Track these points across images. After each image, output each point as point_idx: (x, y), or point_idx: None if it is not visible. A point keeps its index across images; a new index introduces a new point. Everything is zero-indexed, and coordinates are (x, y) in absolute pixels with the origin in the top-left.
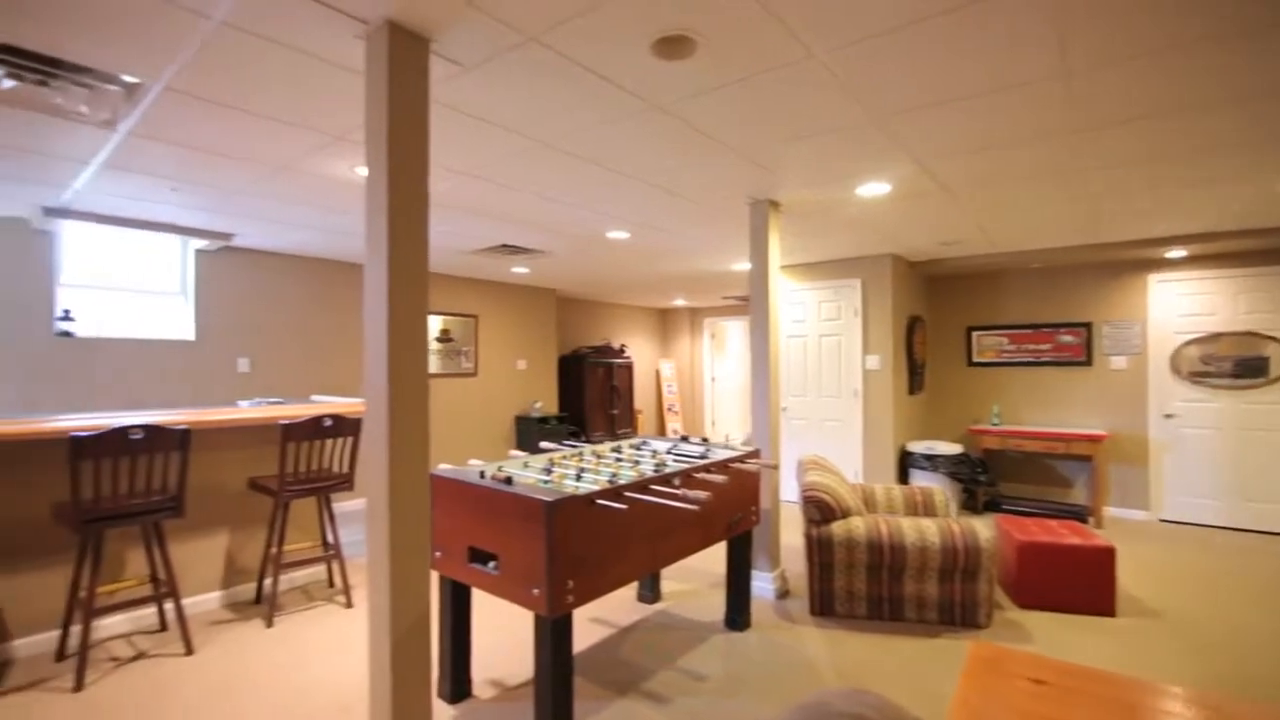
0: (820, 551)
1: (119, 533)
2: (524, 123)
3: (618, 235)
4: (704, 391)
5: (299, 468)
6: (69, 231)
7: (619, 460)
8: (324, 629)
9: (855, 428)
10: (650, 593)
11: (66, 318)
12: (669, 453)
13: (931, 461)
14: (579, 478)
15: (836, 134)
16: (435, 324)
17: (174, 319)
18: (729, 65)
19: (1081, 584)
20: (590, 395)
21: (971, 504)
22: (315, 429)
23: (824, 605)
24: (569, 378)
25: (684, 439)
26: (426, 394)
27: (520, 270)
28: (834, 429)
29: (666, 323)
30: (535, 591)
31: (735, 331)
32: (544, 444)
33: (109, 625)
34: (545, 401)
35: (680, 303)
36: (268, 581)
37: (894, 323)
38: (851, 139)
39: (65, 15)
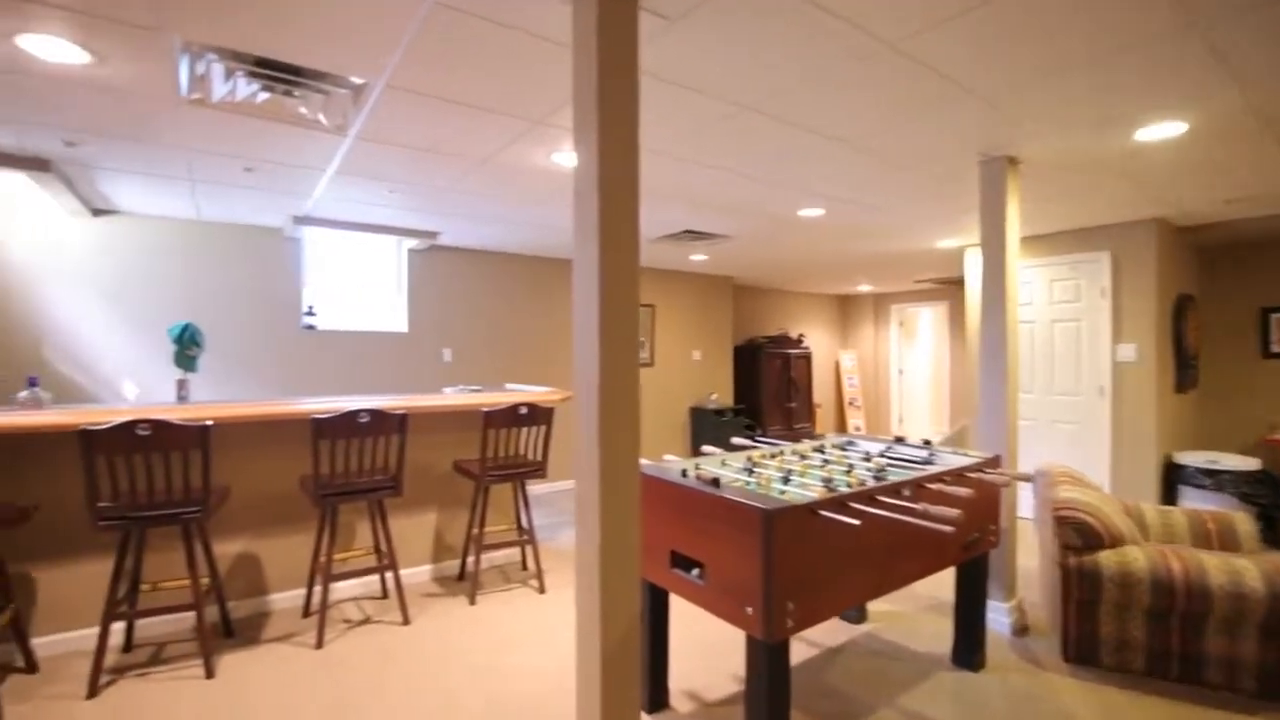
0: (1081, 586)
1: (349, 506)
2: (726, 83)
3: (811, 213)
4: (889, 385)
5: (497, 453)
6: (311, 237)
7: (826, 462)
8: (520, 613)
9: (1100, 432)
10: (856, 611)
11: (310, 313)
12: (883, 455)
13: (1214, 479)
14: (786, 481)
15: (1129, 53)
16: None
17: (391, 313)
18: None
19: None
20: (766, 387)
21: (1271, 535)
22: (512, 416)
23: (1082, 652)
24: (744, 369)
25: (899, 440)
26: (637, 388)
27: (698, 258)
28: (1071, 433)
29: (847, 310)
30: (749, 610)
31: (927, 319)
32: (737, 440)
33: (342, 589)
34: (720, 393)
35: (865, 288)
36: (470, 560)
37: (1157, 304)
38: (1149, 59)
39: (304, 22)
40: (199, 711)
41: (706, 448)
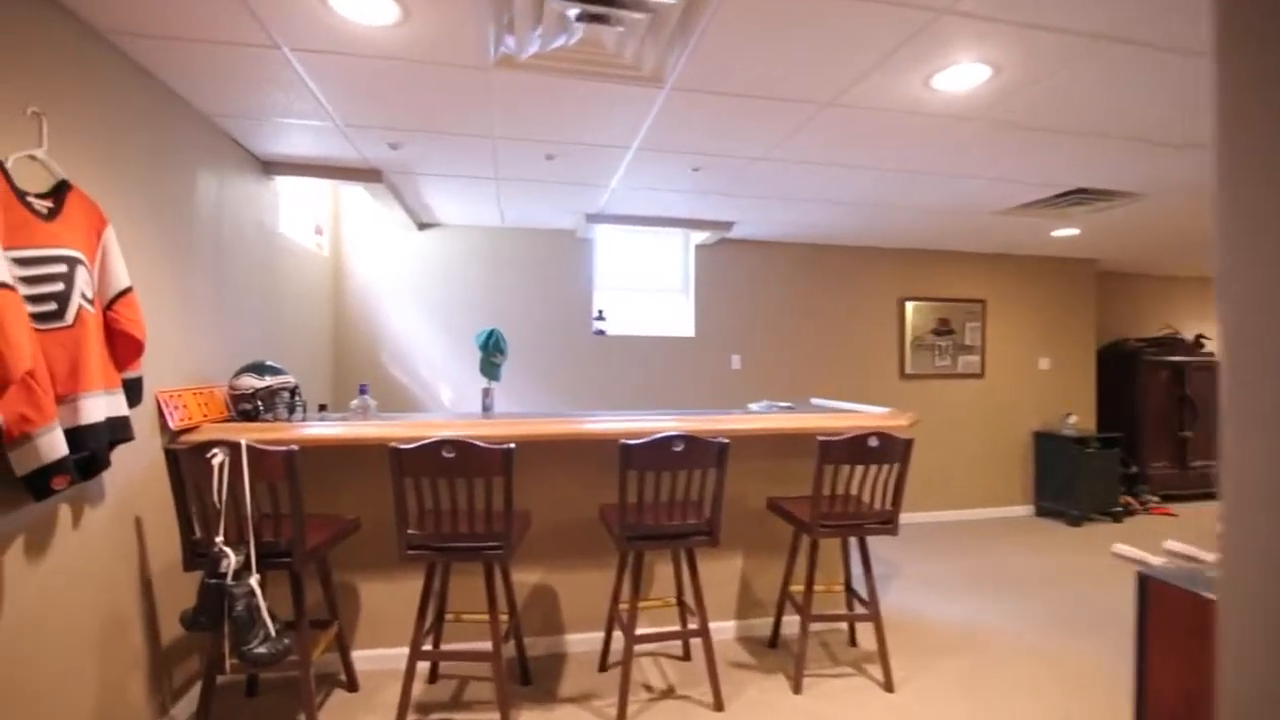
0: None
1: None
2: None
3: None
4: None
5: (833, 494)
6: (600, 237)
7: None
8: (867, 718)
9: None
10: None
11: (600, 318)
12: None
13: None
14: None
15: None
16: (926, 312)
17: (677, 316)
18: None
19: None
20: (1147, 407)
21: None
22: (858, 449)
23: None
24: (1112, 381)
25: None
26: None
27: (1065, 233)
28: None
29: None
30: None
31: None
32: None
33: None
34: (1080, 414)
35: None
36: (783, 620)
37: None
38: None
39: None
40: None
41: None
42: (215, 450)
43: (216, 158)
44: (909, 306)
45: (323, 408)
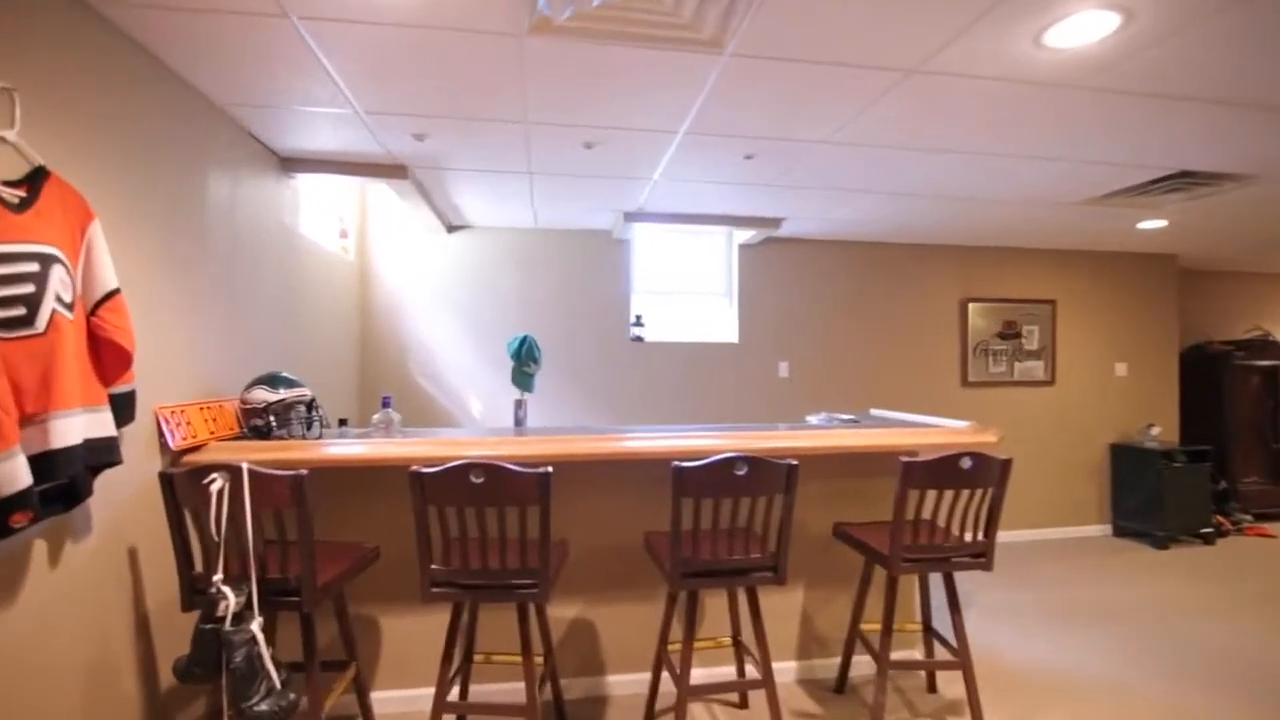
0: None
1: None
2: None
3: None
4: None
5: (916, 522)
6: (638, 238)
7: None
8: None
9: None
10: None
11: (638, 323)
12: None
13: None
14: None
15: None
16: (990, 315)
17: (720, 321)
18: None
19: None
20: (1237, 417)
21: None
22: (948, 472)
23: None
24: (1195, 388)
25: None
26: None
27: (1151, 225)
28: None
29: None
30: None
31: None
32: None
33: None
34: (1163, 425)
35: None
36: (855, 659)
37: None
38: None
39: None
40: None
41: None
42: (213, 475)
43: (230, 151)
44: (972, 308)
45: (343, 422)
